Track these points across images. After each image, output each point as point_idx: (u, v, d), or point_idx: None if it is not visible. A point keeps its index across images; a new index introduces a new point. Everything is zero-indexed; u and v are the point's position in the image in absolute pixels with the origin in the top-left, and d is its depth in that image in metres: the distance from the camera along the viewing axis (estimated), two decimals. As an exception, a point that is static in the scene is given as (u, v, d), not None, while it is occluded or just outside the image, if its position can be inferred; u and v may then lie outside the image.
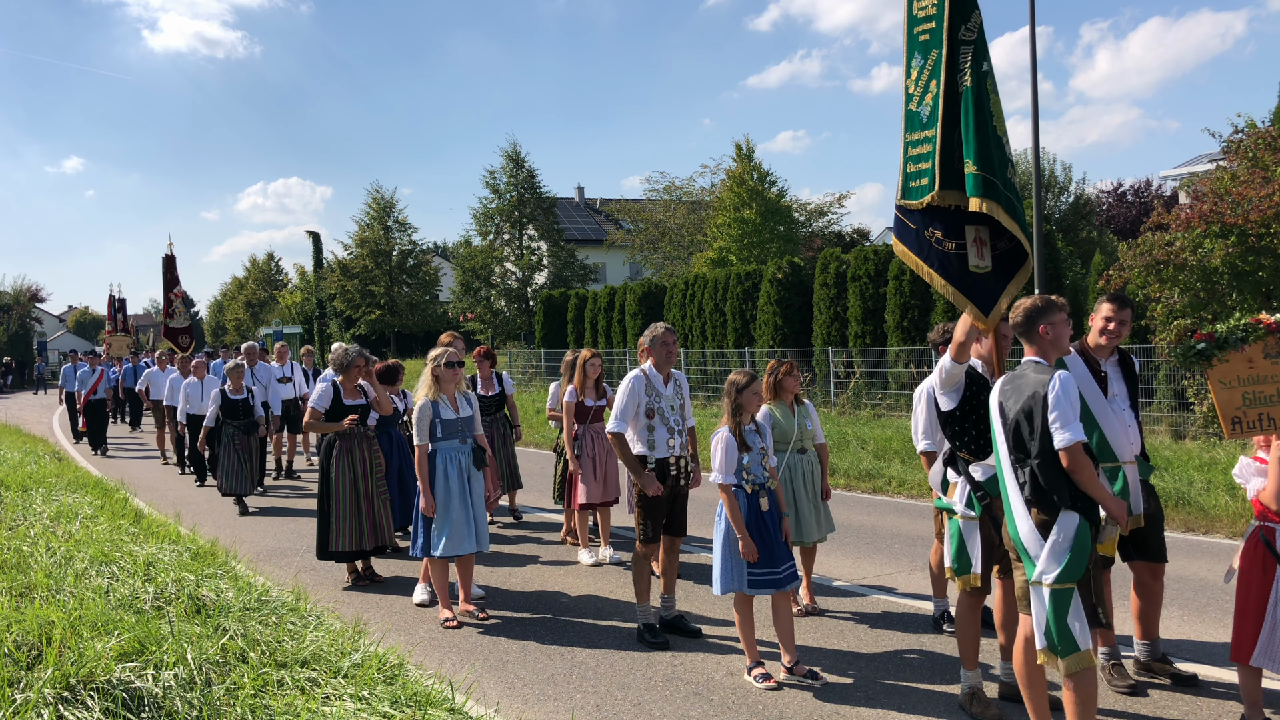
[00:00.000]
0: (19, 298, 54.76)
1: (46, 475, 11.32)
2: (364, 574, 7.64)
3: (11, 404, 34.21)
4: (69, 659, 4.10)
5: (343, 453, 7.46)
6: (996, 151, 4.39)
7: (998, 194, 4.35)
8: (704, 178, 40.47)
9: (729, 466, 5.25)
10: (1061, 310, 4.13)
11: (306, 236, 51.89)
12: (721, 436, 5.31)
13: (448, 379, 6.48)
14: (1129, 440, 4.87)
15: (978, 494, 4.54)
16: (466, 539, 6.39)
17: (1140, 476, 4.90)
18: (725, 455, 5.25)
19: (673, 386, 6.06)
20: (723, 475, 5.24)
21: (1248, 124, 13.38)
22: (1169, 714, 4.64)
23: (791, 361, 6.31)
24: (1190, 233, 12.07)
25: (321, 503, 7.46)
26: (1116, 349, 5.08)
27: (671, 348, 6.02)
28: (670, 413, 5.98)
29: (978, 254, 4.51)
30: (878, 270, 18.50)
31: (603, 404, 8.12)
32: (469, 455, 6.55)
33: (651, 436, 5.92)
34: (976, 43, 4.43)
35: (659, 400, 5.97)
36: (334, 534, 7.37)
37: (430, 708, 4.22)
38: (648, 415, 5.94)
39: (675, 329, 6.30)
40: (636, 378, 5.98)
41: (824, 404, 18.43)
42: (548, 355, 27.84)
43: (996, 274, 4.56)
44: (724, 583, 5.26)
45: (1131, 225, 31.51)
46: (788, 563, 5.27)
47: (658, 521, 5.94)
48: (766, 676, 5.15)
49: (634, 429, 5.95)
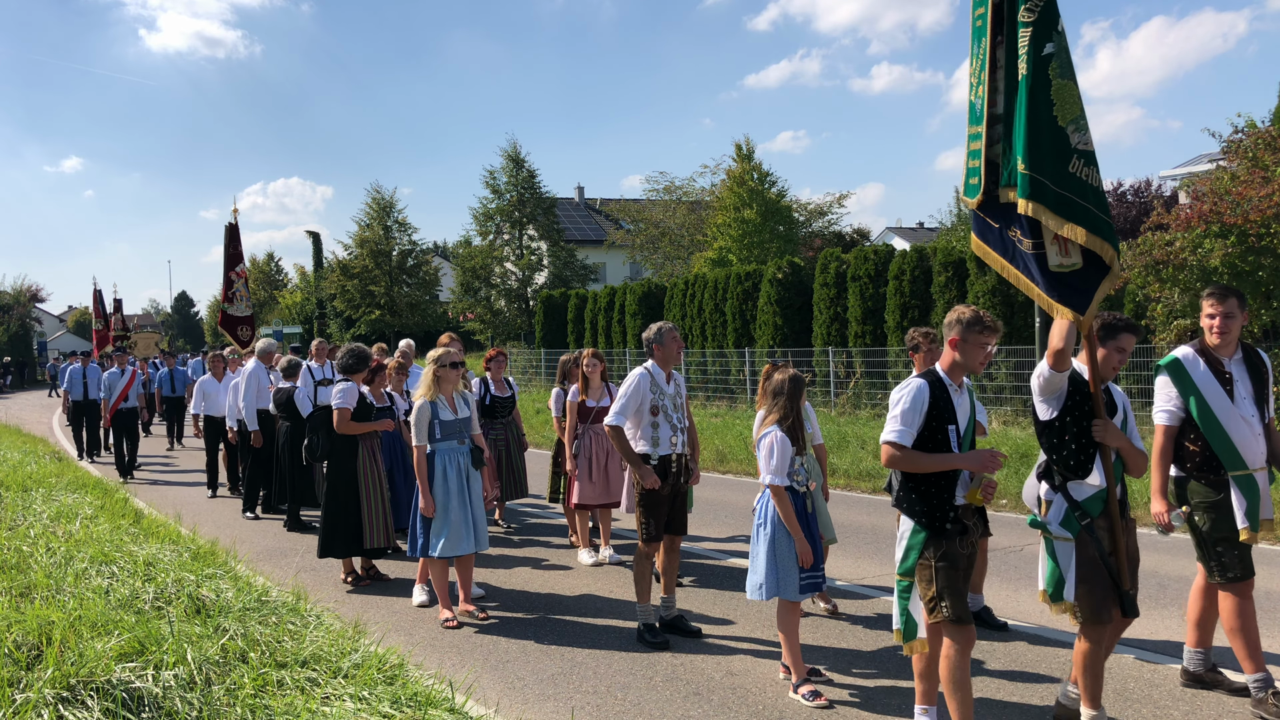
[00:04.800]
0: (19, 298, 54.74)
1: (46, 475, 11.31)
2: (369, 574, 7.64)
3: (12, 404, 34.21)
4: (69, 659, 4.09)
5: (366, 452, 7.46)
6: (1052, 146, 4.05)
7: (1045, 195, 4.03)
8: (704, 178, 40.45)
9: (782, 467, 4.99)
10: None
11: (306, 236, 51.96)
12: (774, 436, 5.03)
13: (448, 380, 6.48)
14: (1258, 446, 4.59)
15: (1076, 513, 4.23)
16: (465, 539, 6.39)
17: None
18: (780, 455, 4.99)
19: (674, 384, 6.06)
20: (775, 476, 5.00)
21: (1248, 124, 13.39)
22: (1169, 714, 4.64)
23: (787, 363, 6.18)
24: (1190, 233, 12.08)
25: (343, 502, 7.36)
26: (1240, 345, 4.73)
27: (678, 345, 6.01)
28: (673, 410, 5.97)
29: (1061, 251, 4.16)
30: (878, 270, 18.49)
31: (606, 404, 8.09)
32: (467, 456, 6.54)
33: (656, 434, 5.90)
34: (1037, 24, 4.08)
35: (662, 398, 5.95)
36: (369, 532, 7.36)
37: (430, 708, 4.22)
38: (652, 412, 5.91)
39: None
40: (642, 375, 5.96)
41: (824, 404, 18.43)
42: (547, 355, 27.83)
43: (1087, 270, 4.15)
44: (768, 588, 5.02)
45: (1131, 225, 31.46)
46: (822, 565, 5.16)
47: (659, 519, 5.91)
48: (816, 694, 4.88)
49: (637, 426, 5.92)
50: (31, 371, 53.89)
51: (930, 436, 4.13)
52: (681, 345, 6.05)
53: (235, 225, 15.65)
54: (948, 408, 4.16)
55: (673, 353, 5.99)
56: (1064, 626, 5.81)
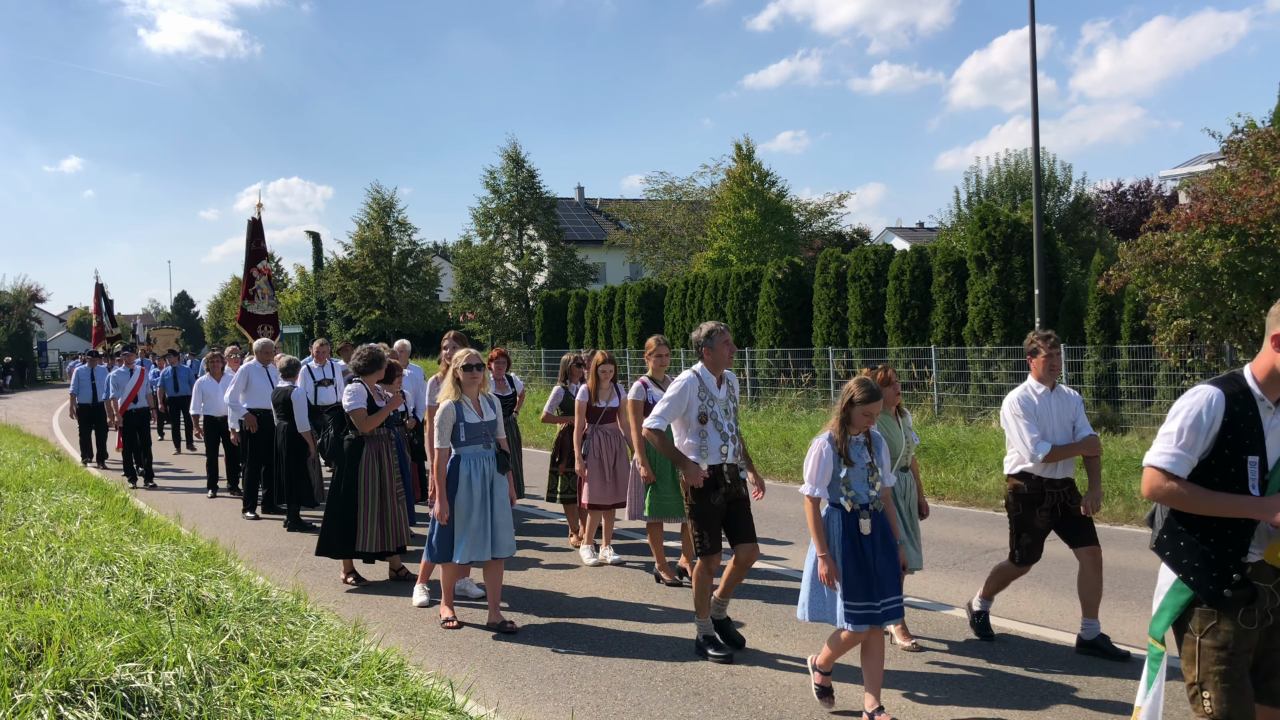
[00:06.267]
0: (19, 298, 54.76)
1: (46, 475, 11.31)
2: (397, 574, 7.66)
3: (12, 404, 34.21)
4: (69, 659, 4.09)
5: (371, 455, 7.37)
6: None
7: None
8: (704, 178, 40.52)
9: (819, 478, 4.69)
10: None
11: (306, 236, 51.96)
12: (818, 445, 4.73)
13: (470, 381, 6.26)
14: None
15: None
16: (484, 546, 6.21)
17: None
18: (817, 466, 4.69)
19: (725, 388, 5.67)
20: (809, 486, 4.72)
21: (1248, 124, 13.38)
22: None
23: (888, 366, 5.67)
24: (1190, 233, 12.08)
25: (343, 503, 7.34)
26: None
27: (729, 348, 5.62)
28: (724, 417, 5.58)
29: None
30: (878, 270, 18.50)
31: (614, 405, 8.07)
32: (492, 461, 6.31)
33: (703, 443, 5.52)
34: None
35: (712, 404, 5.56)
36: (362, 535, 7.31)
37: (430, 708, 4.22)
38: (700, 420, 5.52)
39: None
40: (690, 379, 5.56)
41: (824, 404, 18.43)
42: (547, 355, 27.84)
43: None
44: (811, 609, 4.73)
45: (1131, 225, 31.50)
46: (892, 596, 4.64)
47: (714, 531, 5.53)
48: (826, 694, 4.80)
49: (684, 433, 5.57)
50: (32, 371, 53.86)
51: (1219, 467, 3.03)
52: (733, 348, 5.67)
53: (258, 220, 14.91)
54: (1251, 430, 3.02)
55: (724, 356, 5.60)
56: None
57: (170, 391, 16.91)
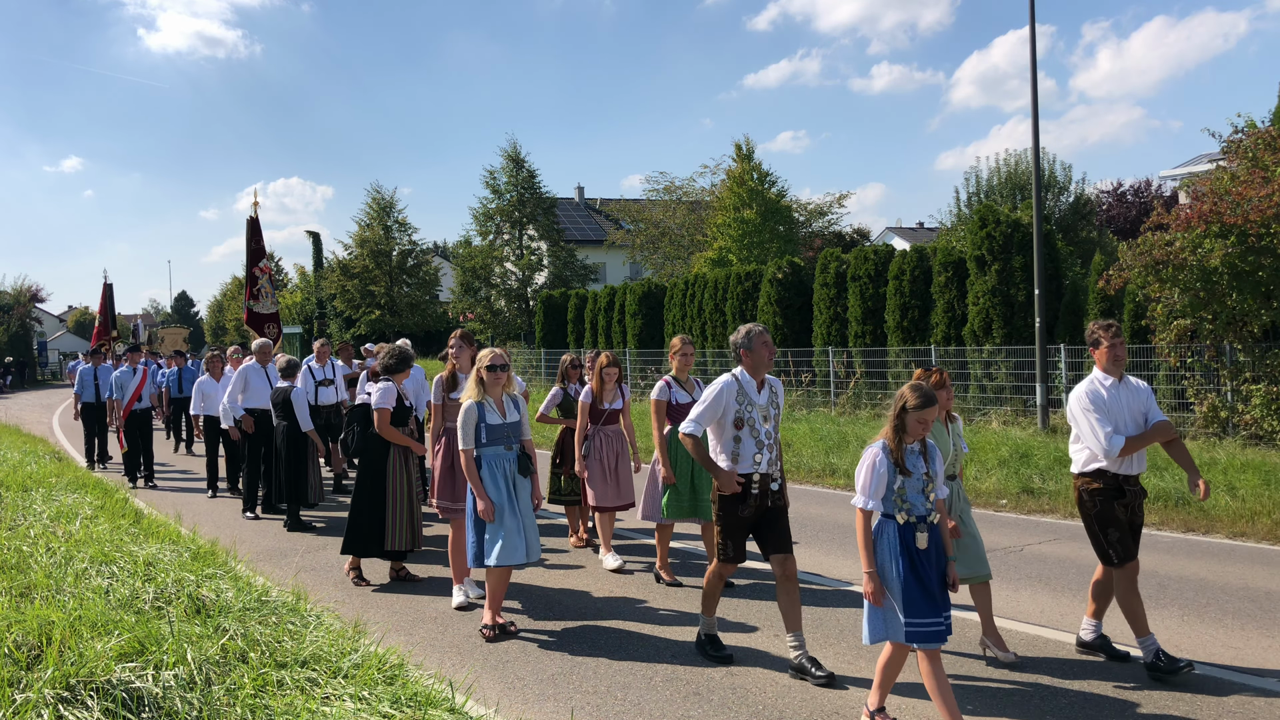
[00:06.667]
0: (19, 298, 54.77)
1: (46, 475, 11.31)
2: (399, 575, 7.65)
3: (12, 404, 34.21)
4: (69, 659, 4.10)
5: (398, 454, 7.37)
6: None
7: None
8: (704, 178, 40.46)
9: (872, 489, 4.44)
10: None
11: (306, 236, 51.97)
12: (871, 454, 4.49)
13: (494, 382, 6.15)
14: None
15: None
16: (519, 548, 6.09)
17: None
18: (870, 477, 4.46)
19: (767, 393, 5.41)
20: (861, 498, 4.48)
21: (1248, 124, 13.39)
22: (1169, 713, 4.64)
23: (941, 370, 5.43)
24: (1190, 232, 12.08)
25: (371, 500, 7.31)
26: None
27: (769, 350, 5.39)
28: (761, 424, 5.32)
29: None
30: (878, 270, 18.50)
31: (618, 406, 8.05)
32: (514, 462, 6.20)
33: (737, 449, 5.30)
34: None
35: (751, 409, 5.32)
36: (390, 534, 7.30)
37: (430, 708, 4.22)
38: (736, 425, 5.31)
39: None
40: (728, 383, 5.35)
41: (824, 404, 18.44)
42: (548, 355, 27.85)
43: None
44: (872, 630, 4.47)
45: (1131, 225, 31.51)
46: (948, 612, 4.43)
47: (740, 542, 5.39)
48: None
49: (718, 439, 5.38)
50: (32, 371, 53.88)
51: None
52: (774, 350, 5.41)
53: (256, 219, 14.74)
54: None
55: (764, 359, 5.36)
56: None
57: (175, 392, 16.78)
